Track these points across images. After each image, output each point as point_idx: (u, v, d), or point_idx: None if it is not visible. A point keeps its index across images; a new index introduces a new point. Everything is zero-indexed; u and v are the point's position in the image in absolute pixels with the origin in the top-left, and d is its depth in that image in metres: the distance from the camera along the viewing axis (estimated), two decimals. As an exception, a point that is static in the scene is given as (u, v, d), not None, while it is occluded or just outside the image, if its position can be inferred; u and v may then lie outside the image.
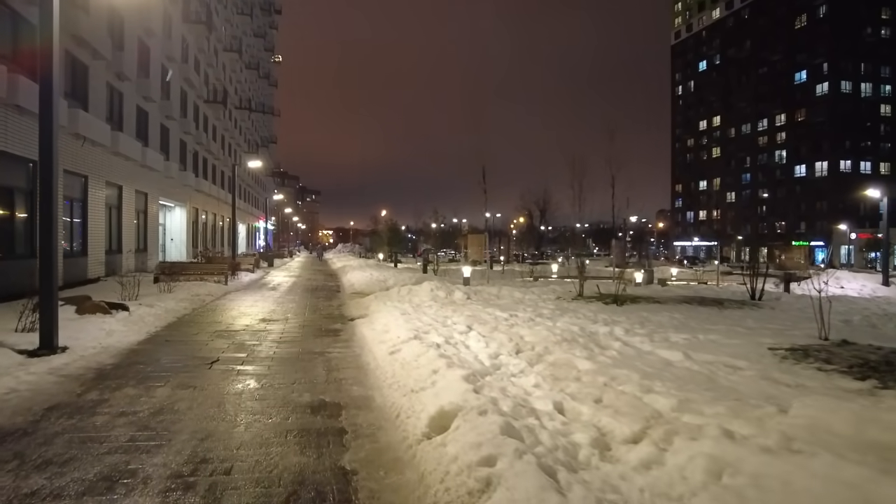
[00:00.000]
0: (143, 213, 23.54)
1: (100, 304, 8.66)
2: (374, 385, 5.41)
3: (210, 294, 14.04)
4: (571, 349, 6.34)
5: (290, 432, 4.06)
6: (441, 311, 9.76)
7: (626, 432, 3.81)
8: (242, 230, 54.96)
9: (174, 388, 5.20)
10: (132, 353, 6.77)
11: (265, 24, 66.96)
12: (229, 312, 11.17)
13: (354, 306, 12.02)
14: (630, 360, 5.98)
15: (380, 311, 9.90)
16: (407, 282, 16.88)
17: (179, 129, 28.56)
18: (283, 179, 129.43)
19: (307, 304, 12.82)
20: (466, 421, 3.52)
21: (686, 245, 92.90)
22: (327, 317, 10.81)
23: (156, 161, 23.26)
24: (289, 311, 11.61)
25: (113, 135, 18.52)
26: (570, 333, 7.26)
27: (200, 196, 33.02)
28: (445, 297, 11.80)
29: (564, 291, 13.40)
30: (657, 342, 7.13)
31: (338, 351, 7.26)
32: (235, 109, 47.82)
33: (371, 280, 18.39)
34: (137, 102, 22.23)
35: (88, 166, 17.37)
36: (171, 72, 26.83)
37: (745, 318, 10.40)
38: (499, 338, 7.06)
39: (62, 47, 15.56)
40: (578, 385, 4.97)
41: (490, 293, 12.93)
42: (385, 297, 12.11)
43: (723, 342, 7.01)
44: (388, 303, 10.99)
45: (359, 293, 15.41)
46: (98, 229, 18.22)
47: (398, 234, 47.38)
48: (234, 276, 19.86)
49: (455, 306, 10.61)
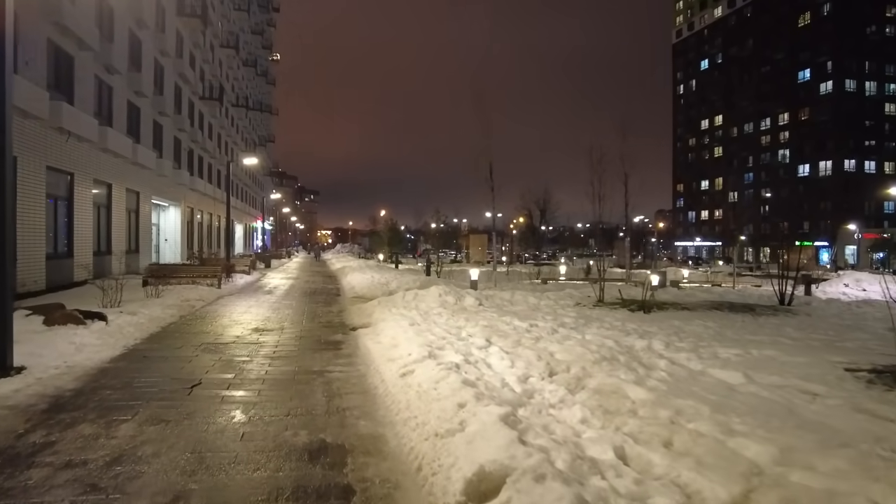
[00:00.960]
0: (135, 212, 22.58)
1: (72, 313, 7.72)
2: (386, 419, 4.47)
3: (201, 299, 13.10)
4: (613, 370, 5.42)
5: (281, 494, 3.13)
6: (453, 321, 8.83)
7: (722, 497, 2.89)
8: (239, 230, 53.99)
9: (142, 424, 4.26)
10: (101, 374, 5.82)
11: (263, 21, 65.95)
12: (220, 321, 10.22)
13: (356, 313, 11.09)
14: (685, 385, 5.06)
15: (385, 320, 8.96)
16: (411, 285, 15.96)
17: (173, 126, 27.59)
18: (282, 179, 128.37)
19: (305, 311, 11.89)
20: (520, 492, 2.59)
21: (687, 245, 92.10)
22: (327, 326, 9.87)
23: (148, 158, 22.31)
24: (285, 318, 10.67)
25: (101, 130, 17.56)
26: (606, 349, 6.33)
27: (195, 195, 32.01)
28: (455, 302, 10.87)
29: (582, 296, 12.48)
30: (706, 359, 6.22)
31: (339, 370, 6.32)
32: (232, 107, 46.84)
33: (372, 283, 17.47)
34: (128, 97, 21.28)
35: (74, 163, 16.42)
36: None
37: (783, 327, 9.48)
38: (525, 355, 6.14)
39: (44, 36, 14.64)
40: (637, 421, 4.05)
41: (502, 298, 11.99)
42: (389, 302, 11.18)
43: (784, 360, 6.09)
44: (393, 309, 10.06)
45: (360, 297, 14.48)
46: (85, 229, 17.26)
47: (398, 235, 46.47)
48: (228, 279, 18.91)
49: (467, 314, 9.68)
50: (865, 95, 68.98)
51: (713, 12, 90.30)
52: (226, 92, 41.66)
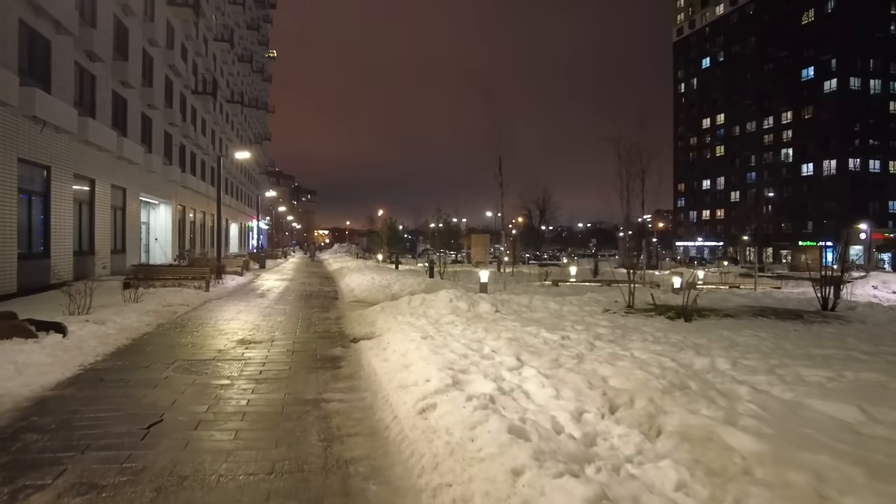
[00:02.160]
0: (121, 210, 21.30)
1: (21, 324, 6.48)
2: (406, 484, 3.23)
3: (185, 303, 11.87)
4: (691, 403, 4.22)
5: None
6: (470, 331, 7.61)
7: None
8: (234, 230, 52.66)
9: (61, 496, 3.02)
10: (34, 408, 4.58)
11: (259, 17, 64.63)
12: (202, 330, 8.99)
13: (357, 320, 9.86)
14: (790, 424, 3.87)
15: (391, 330, 7.74)
16: (416, 288, 14.75)
17: (164, 120, 26.29)
18: (279, 179, 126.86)
19: (299, 318, 10.66)
20: None
21: (689, 245, 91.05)
22: (324, 336, 8.65)
23: (135, 153, 21.02)
24: (276, 327, 9.45)
25: (81, 121, 16.29)
26: (670, 372, 5.12)
27: (188, 193, 30.72)
28: (469, 309, 9.65)
29: (608, 301, 11.27)
30: (792, 384, 5.03)
31: (339, 398, 5.11)
32: (227, 103, 45.51)
33: (373, 285, 16.25)
34: (114, 87, 20.00)
35: (51, 155, 15.17)
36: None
37: (844, 337, 8.31)
38: (570, 380, 4.93)
39: (15, 15, 13.39)
40: (765, 492, 2.85)
41: (519, 304, 10.76)
42: (394, 308, 9.96)
43: (894, 386, 4.91)
44: (399, 317, 8.84)
45: (360, 302, 13.27)
46: (64, 227, 16.01)
47: (398, 234, 45.19)
48: (218, 281, 17.67)
49: (485, 323, 8.46)
50: (870, 93, 67.94)
51: (715, 10, 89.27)
52: (220, 87, 40.33)
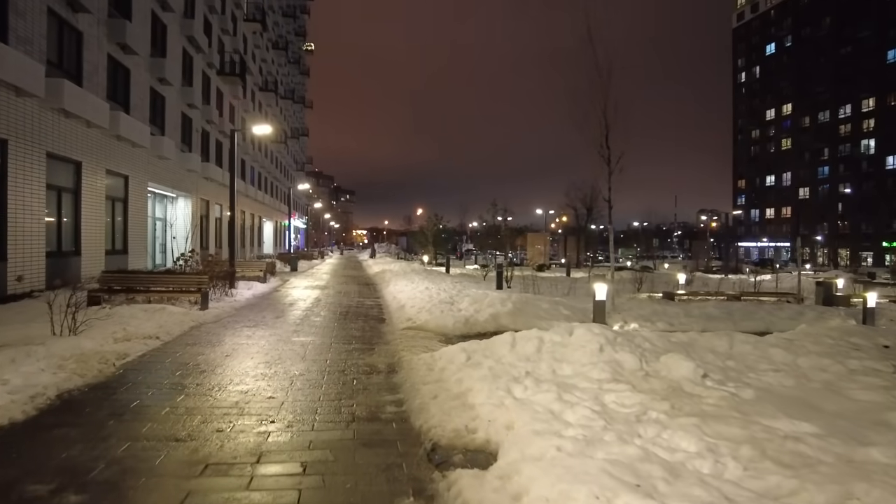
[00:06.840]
0: (122, 201, 17.62)
1: None
2: None
3: (154, 335, 7.73)
4: None
5: None
6: (685, 441, 3.15)
7: None
8: (269, 228, 49.37)
9: None
10: None
11: (295, 6, 61.30)
12: (142, 410, 4.77)
13: (428, 382, 5.45)
14: None
15: (519, 434, 3.36)
16: (492, 305, 10.31)
17: (179, 100, 22.62)
18: (318, 179, 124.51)
19: (325, 370, 6.35)
20: None
21: (750, 246, 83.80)
22: (372, 435, 4.29)
23: (137, 132, 17.26)
24: (282, 398, 5.17)
25: (53, 83, 12.48)
26: None
27: (211, 186, 27.11)
28: (640, 367, 5.14)
29: (838, 339, 6.56)
30: None
31: None
32: (259, 91, 42.05)
33: (429, 299, 11.89)
34: (109, 51, 16.24)
35: (8, 126, 11.42)
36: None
37: None
38: None
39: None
40: None
41: (715, 351, 6.13)
42: (491, 356, 5.57)
43: None
44: (516, 389, 4.44)
45: (420, 330, 8.93)
46: (30, 221, 12.26)
47: (443, 233, 40.83)
48: (228, 291, 13.62)
49: (691, 402, 3.96)
50: (970, 76, 60.18)
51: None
52: (250, 72, 36.77)
